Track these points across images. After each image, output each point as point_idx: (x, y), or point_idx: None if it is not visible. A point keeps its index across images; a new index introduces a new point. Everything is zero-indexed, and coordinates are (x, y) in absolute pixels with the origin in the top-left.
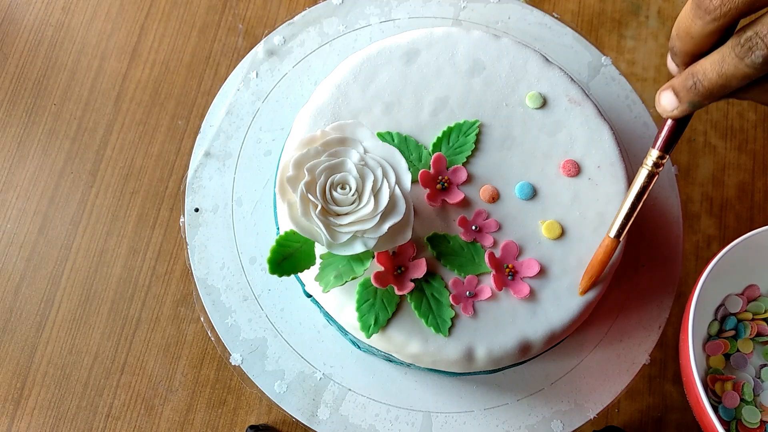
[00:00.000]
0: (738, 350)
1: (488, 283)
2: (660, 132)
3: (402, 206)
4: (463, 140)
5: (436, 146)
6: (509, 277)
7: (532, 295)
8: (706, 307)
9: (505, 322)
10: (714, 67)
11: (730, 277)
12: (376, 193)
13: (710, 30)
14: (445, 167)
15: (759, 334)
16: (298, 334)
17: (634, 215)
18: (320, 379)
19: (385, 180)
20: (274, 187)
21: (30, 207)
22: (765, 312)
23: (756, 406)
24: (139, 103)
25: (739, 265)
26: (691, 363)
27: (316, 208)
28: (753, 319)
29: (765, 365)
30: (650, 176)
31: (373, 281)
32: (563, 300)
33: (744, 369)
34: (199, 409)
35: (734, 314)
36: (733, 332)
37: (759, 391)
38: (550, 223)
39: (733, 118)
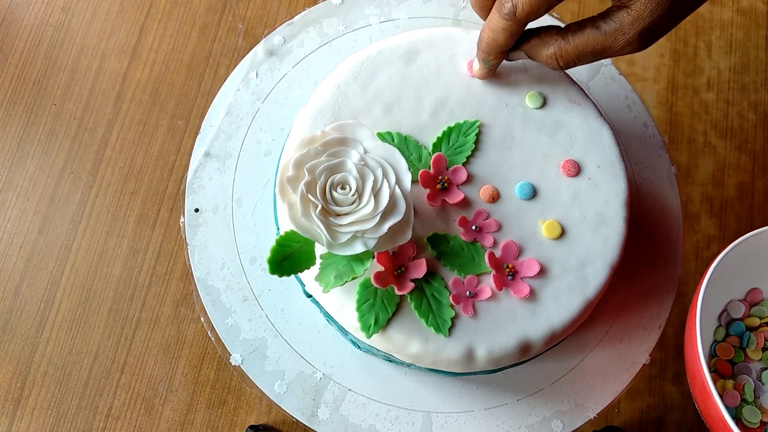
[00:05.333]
0: (744, 359)
1: (488, 283)
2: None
3: (402, 206)
4: (463, 140)
5: (436, 146)
6: (509, 277)
7: (532, 295)
8: (709, 314)
9: (505, 322)
10: (486, 25)
11: (730, 281)
12: (376, 193)
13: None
14: (445, 167)
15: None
16: (298, 334)
17: None
18: (320, 379)
19: (385, 180)
20: (274, 187)
21: (30, 207)
22: None
23: (756, 408)
24: (139, 103)
25: (740, 268)
26: (698, 349)
27: (316, 208)
28: (760, 326)
29: (765, 369)
30: None
31: (373, 281)
32: (563, 300)
33: (746, 372)
34: (199, 409)
35: (739, 319)
36: (738, 339)
37: (759, 393)
38: (550, 223)
39: (733, 118)
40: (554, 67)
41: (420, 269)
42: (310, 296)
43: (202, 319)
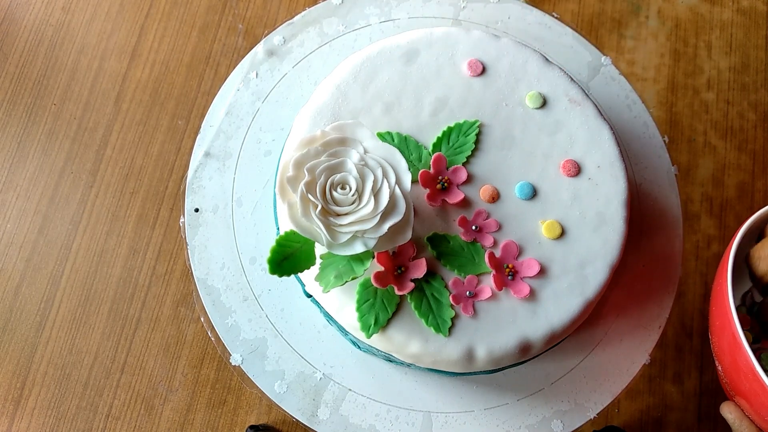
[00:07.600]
0: (762, 343)
1: (488, 283)
2: None
3: (402, 206)
4: (463, 140)
5: (436, 146)
6: (509, 277)
7: (532, 295)
8: (734, 292)
9: (505, 322)
10: None
11: None
12: (376, 193)
13: None
14: (445, 167)
15: None
16: (298, 334)
17: None
18: (320, 379)
19: (385, 180)
20: (274, 187)
21: (30, 207)
22: None
23: None
24: (139, 103)
25: None
26: (729, 296)
27: (316, 208)
28: None
29: None
30: None
31: (373, 281)
32: (563, 300)
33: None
34: (199, 409)
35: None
36: (758, 324)
37: None
38: (550, 223)
39: (733, 118)
40: None
41: (420, 269)
42: (310, 296)
43: (202, 319)
